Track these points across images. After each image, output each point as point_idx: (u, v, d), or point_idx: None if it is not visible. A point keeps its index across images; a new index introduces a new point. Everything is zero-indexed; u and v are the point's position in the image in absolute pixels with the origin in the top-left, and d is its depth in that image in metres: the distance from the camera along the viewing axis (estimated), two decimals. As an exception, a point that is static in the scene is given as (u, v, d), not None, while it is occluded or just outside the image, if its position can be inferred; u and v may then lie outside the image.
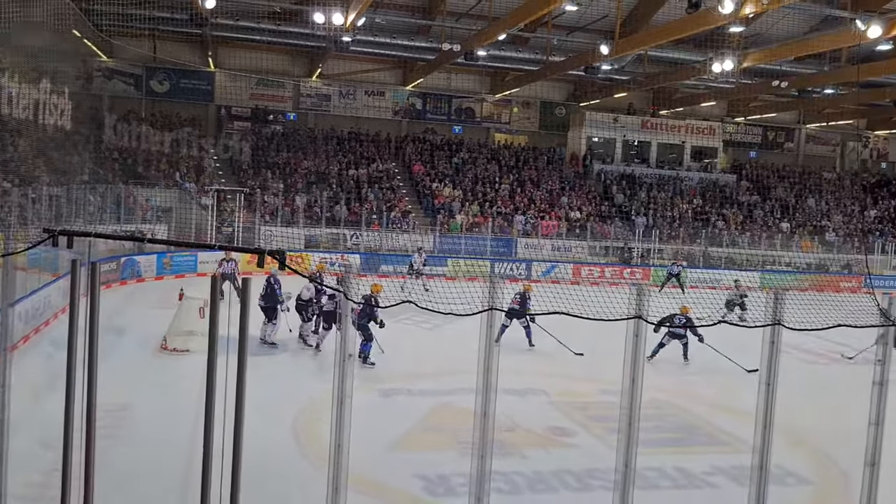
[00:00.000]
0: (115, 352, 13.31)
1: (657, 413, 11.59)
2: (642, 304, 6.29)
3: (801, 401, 12.26)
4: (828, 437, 10.73)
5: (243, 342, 5.60)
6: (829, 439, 10.64)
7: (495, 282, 6.43)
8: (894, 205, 38.25)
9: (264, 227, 26.03)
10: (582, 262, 28.85)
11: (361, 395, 9.10)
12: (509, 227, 30.10)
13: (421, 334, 16.70)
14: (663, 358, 14.49)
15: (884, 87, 30.41)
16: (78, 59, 28.08)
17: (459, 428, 10.11)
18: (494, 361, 6.25)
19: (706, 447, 10.74)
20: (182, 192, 26.85)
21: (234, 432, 5.54)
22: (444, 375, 13.32)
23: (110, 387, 7.70)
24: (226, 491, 5.55)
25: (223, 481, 5.55)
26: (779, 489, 8.53)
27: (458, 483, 8.48)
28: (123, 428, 9.89)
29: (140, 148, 28.74)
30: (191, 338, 13.84)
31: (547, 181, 33.91)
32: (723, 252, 30.78)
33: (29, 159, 24.42)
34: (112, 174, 26.52)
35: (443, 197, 31.34)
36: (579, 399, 12.56)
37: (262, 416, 8.87)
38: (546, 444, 10.37)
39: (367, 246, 27.25)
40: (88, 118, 27.95)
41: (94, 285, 5.60)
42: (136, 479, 8.39)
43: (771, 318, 6.35)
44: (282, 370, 13.42)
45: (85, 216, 21.42)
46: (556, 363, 14.85)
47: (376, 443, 9.58)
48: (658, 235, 30.32)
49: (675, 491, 9.04)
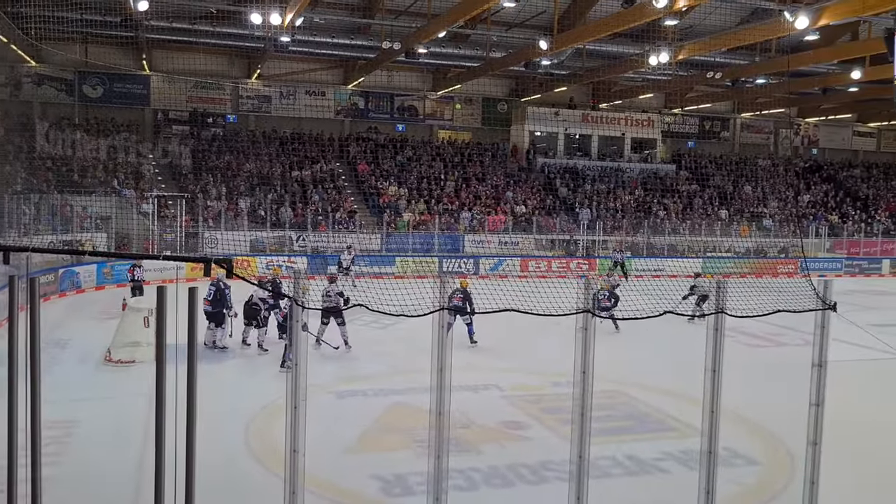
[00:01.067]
0: (58, 366, 12.98)
1: (608, 402, 11.80)
2: (590, 297, 6.39)
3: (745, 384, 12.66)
4: (773, 419, 11.06)
5: (192, 351, 5.51)
6: (775, 420, 10.97)
7: (445, 280, 6.46)
8: (825, 189, 39.61)
9: (208, 232, 25.60)
10: (529, 256, 29.14)
11: (316, 398, 9.05)
12: (456, 224, 30.21)
13: (371, 334, 16.66)
14: (612, 348, 14.73)
15: (812, 75, 31.46)
16: (5, 64, 27.17)
17: (414, 427, 10.15)
18: (448, 360, 6.28)
19: (656, 434, 10.96)
20: (121, 200, 26.20)
21: (187, 442, 5.46)
22: (397, 375, 13.33)
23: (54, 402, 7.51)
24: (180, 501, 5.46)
25: (177, 493, 5.46)
26: (728, 471, 8.78)
27: (415, 482, 8.50)
28: (70, 443, 9.62)
29: (75, 155, 27.94)
30: (136, 348, 13.53)
31: (491, 177, 34.13)
32: (665, 241, 31.43)
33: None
34: (46, 183, 25.75)
35: (388, 196, 31.27)
36: (531, 392, 12.69)
37: (215, 424, 8.75)
38: (500, 439, 10.45)
39: (313, 247, 27.02)
40: (19, 126, 27.09)
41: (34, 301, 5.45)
42: (87, 496, 8.19)
43: (714, 307, 6.52)
44: (233, 377, 13.24)
45: (19, 227, 20.77)
46: (508, 357, 14.99)
47: (332, 445, 9.53)
48: (602, 227, 30.81)
49: (628, 478, 9.21)
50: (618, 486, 8.89)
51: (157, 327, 5.35)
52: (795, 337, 15.13)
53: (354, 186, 32.29)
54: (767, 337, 17.07)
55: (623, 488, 8.88)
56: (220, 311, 14.56)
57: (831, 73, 30.48)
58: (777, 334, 17.10)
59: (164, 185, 29.03)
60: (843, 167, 42.49)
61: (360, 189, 32.07)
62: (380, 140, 34.97)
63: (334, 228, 27.88)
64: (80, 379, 12.66)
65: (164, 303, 5.57)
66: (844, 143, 44.36)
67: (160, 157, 30.35)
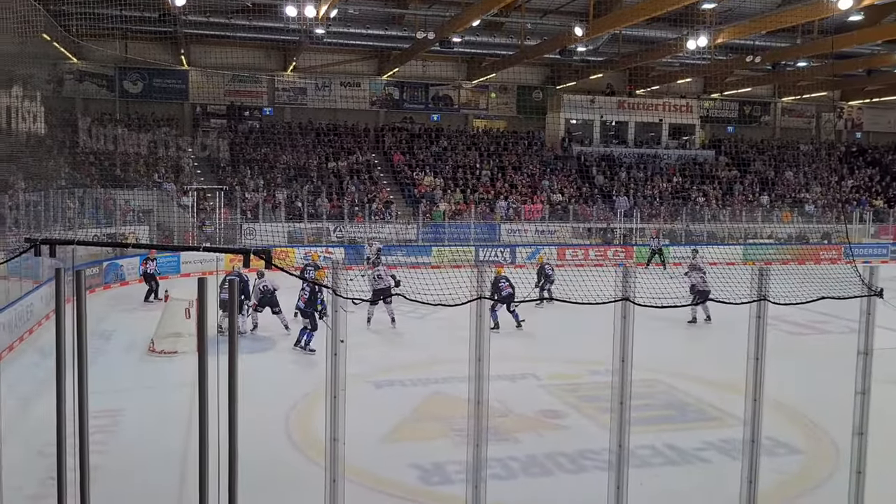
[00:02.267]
0: (103, 356, 13.27)
1: (647, 391, 11.70)
2: (629, 285, 6.33)
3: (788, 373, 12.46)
4: (817, 408, 10.87)
5: (233, 340, 5.59)
6: (818, 409, 10.78)
7: (482, 269, 6.45)
8: (870, 174, 38.66)
9: (246, 224, 25.90)
10: (566, 245, 28.97)
11: (354, 387, 9.12)
12: (492, 213, 30.13)
13: (408, 324, 16.72)
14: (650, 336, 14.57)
15: (856, 57, 30.66)
16: (48, 62, 27.71)
17: (452, 416, 10.17)
18: (485, 349, 6.28)
19: (696, 423, 10.86)
20: (162, 193, 26.64)
21: (229, 431, 5.54)
22: (434, 364, 13.37)
23: (101, 392, 7.68)
24: (223, 489, 5.55)
25: (220, 480, 5.55)
26: (770, 460, 8.66)
27: (453, 471, 8.53)
28: (117, 432, 9.85)
29: (117, 150, 28.46)
30: (178, 339, 13.79)
31: (527, 165, 33.96)
32: (704, 228, 31.00)
33: (3, 166, 24.11)
34: (89, 178, 26.26)
35: (424, 186, 31.30)
36: (569, 381, 12.64)
37: (256, 413, 8.88)
38: (538, 428, 10.44)
39: (350, 238, 27.18)
40: (62, 122, 27.63)
41: (80, 293, 5.56)
42: (133, 482, 8.38)
43: (756, 294, 6.42)
44: (273, 367, 13.40)
45: (64, 221, 21.22)
46: (545, 346, 14.95)
47: (371, 435, 9.60)
48: (639, 215, 30.49)
49: (669, 467, 9.14)
50: (658, 475, 8.83)
51: (198, 318, 5.43)
52: (839, 325, 14.83)
53: (390, 177, 32.38)
54: (810, 325, 16.75)
55: (664, 478, 8.81)
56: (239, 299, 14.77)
57: (876, 54, 29.68)
58: (820, 322, 16.77)
59: (202, 178, 29.43)
60: (888, 150, 41.36)
61: (396, 179, 32.15)
62: (415, 130, 35.00)
63: (370, 219, 28.00)
64: (124, 369, 12.93)
65: (205, 294, 5.65)
66: (890, 125, 43.16)
67: (199, 150, 30.75)
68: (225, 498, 5.53)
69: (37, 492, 7.89)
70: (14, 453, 7.73)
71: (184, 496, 7.79)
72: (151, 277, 19.37)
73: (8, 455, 6.71)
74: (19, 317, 14.48)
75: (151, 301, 18.86)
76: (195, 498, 5.49)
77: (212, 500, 5.52)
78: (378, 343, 14.66)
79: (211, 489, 5.53)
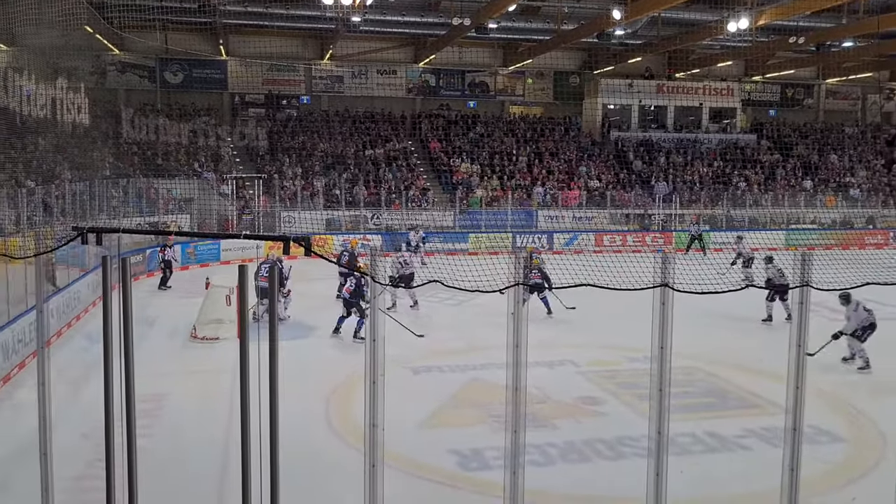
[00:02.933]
0: (148, 342, 13.53)
1: (686, 379, 11.61)
2: (667, 271, 6.27)
3: (830, 360, 12.25)
4: (861, 395, 10.69)
5: (273, 326, 5.67)
6: (863, 397, 10.60)
7: (519, 255, 6.44)
8: (919, 156, 37.64)
9: (284, 212, 26.17)
10: (603, 231, 28.75)
11: (393, 373, 9.19)
12: (529, 200, 30.01)
13: (446, 310, 16.78)
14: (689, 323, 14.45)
15: (904, 36, 29.81)
16: (91, 54, 28.23)
17: (490, 402, 10.21)
18: (523, 335, 6.28)
19: (737, 410, 10.74)
20: (202, 182, 27.04)
21: (270, 415, 5.63)
22: (472, 351, 13.42)
23: (146, 377, 7.85)
24: (265, 472, 5.65)
25: (262, 464, 5.66)
26: (813, 448, 8.55)
27: (492, 457, 8.57)
28: (162, 416, 10.08)
29: (158, 140, 28.93)
30: (219, 325, 14.02)
31: (564, 151, 33.72)
32: (746, 213, 30.50)
33: (50, 157, 24.69)
34: (132, 167, 26.75)
35: (461, 172, 31.28)
36: (607, 368, 12.59)
37: (296, 398, 9.00)
38: (577, 415, 10.43)
39: (387, 225, 27.32)
40: (106, 113, 28.16)
41: (126, 279, 5.69)
42: (177, 465, 8.57)
43: (799, 280, 6.31)
44: (312, 353, 13.55)
45: (108, 210, 21.67)
46: (582, 333, 14.89)
47: (409, 420, 9.69)
48: (678, 200, 30.10)
49: (709, 455, 9.07)
50: (698, 463, 8.77)
51: (239, 305, 5.52)
52: (885, 311, 14.52)
53: (427, 164, 32.42)
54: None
55: (704, 465, 8.74)
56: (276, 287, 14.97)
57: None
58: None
59: (241, 166, 29.80)
60: (938, 133, 40.25)
61: (433, 166, 32.18)
62: (451, 117, 34.95)
63: (407, 206, 28.09)
64: (168, 355, 13.20)
65: (246, 281, 5.74)
66: (940, 107, 41.99)
67: (238, 139, 31.12)
68: (267, 481, 5.63)
69: (83, 472, 8.11)
70: (63, 437, 7.95)
71: (226, 480, 7.95)
72: (168, 265, 19.68)
73: (57, 438, 6.91)
74: (67, 303, 14.86)
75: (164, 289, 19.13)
76: (238, 482, 5.60)
77: (254, 483, 5.62)
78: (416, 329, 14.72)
79: (253, 473, 5.63)
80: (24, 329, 11.94)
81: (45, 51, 21.77)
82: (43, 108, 23.90)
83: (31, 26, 18.00)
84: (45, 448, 6.52)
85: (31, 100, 23.50)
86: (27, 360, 11.81)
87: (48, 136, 24.69)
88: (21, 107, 23.54)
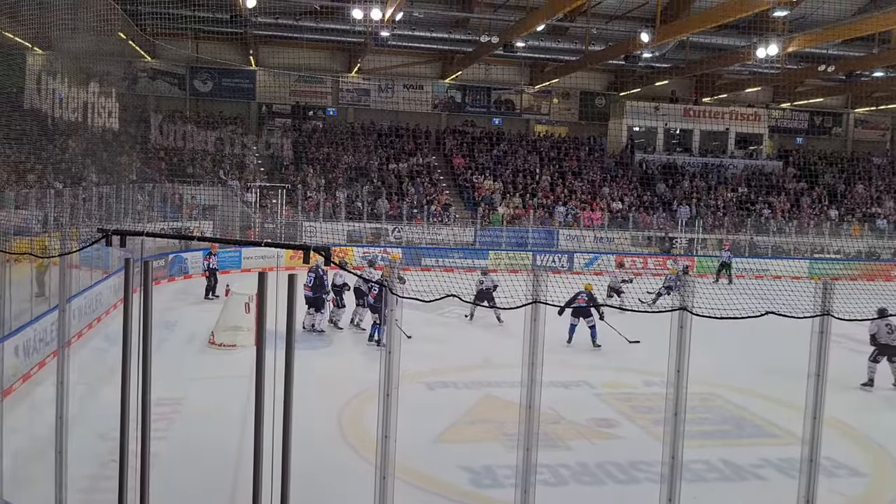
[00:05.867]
0: (166, 346, 13.64)
1: (702, 405, 11.50)
2: (686, 294, 6.24)
3: (852, 391, 12.08)
4: (882, 430, 10.52)
5: (290, 336, 5.70)
6: (884, 431, 10.43)
7: (538, 274, 6.43)
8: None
9: (307, 223, 26.32)
10: (625, 253, 28.59)
11: (407, 387, 9.19)
12: (550, 219, 29.96)
13: (463, 326, 16.75)
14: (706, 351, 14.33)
15: (936, 68, 29.51)
16: (123, 60, 28.68)
17: (504, 420, 10.17)
18: (539, 354, 6.27)
19: (754, 439, 10.60)
20: (226, 190, 27.28)
21: (283, 424, 5.65)
22: (488, 368, 13.38)
23: (163, 380, 7.91)
24: (276, 480, 5.67)
25: (274, 471, 5.67)
26: (830, 481, 8.41)
27: (503, 475, 8.53)
28: (176, 420, 10.13)
29: (185, 147, 29.27)
30: (237, 333, 14.10)
31: (588, 172, 33.66)
32: (770, 241, 30.22)
33: (79, 160, 25.05)
34: (159, 173, 27.06)
35: (483, 189, 31.31)
36: (623, 390, 12.50)
37: (310, 408, 9.01)
38: (591, 436, 10.35)
39: (408, 240, 27.38)
40: (135, 118, 28.55)
41: (147, 283, 5.76)
42: (190, 470, 8.60)
43: (820, 309, 6.25)
44: (329, 362, 13.59)
45: (133, 214, 21.90)
46: (599, 355, 14.79)
47: (422, 435, 9.67)
48: (701, 225, 29.90)
49: (723, 483, 8.96)
50: (713, 490, 8.66)
51: (257, 313, 5.57)
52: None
53: (450, 180, 32.48)
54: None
55: (718, 493, 8.64)
56: (320, 296, 15.24)
57: (957, 65, 28.53)
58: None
59: (265, 176, 30.02)
60: (967, 166, 39.72)
61: (456, 182, 32.23)
62: (476, 134, 35.02)
63: (429, 221, 28.15)
64: (186, 360, 13.27)
65: (265, 289, 5.79)
66: (970, 139, 41.46)
67: (263, 149, 31.39)
68: (278, 489, 5.65)
69: (98, 472, 8.16)
70: (79, 436, 8.02)
71: (238, 486, 7.96)
72: (213, 273, 19.79)
73: (73, 437, 6.98)
74: (89, 305, 15.03)
75: (211, 298, 19.22)
76: (249, 488, 5.62)
77: (265, 490, 5.64)
78: (432, 345, 14.72)
79: (264, 480, 5.65)
80: (46, 328, 12.09)
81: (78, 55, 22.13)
82: (74, 111, 24.28)
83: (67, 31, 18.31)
84: (61, 446, 6.58)
85: (63, 103, 23.89)
86: (47, 360, 11.95)
87: (78, 140, 25.06)
88: (53, 110, 23.93)
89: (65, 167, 24.59)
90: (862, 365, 12.97)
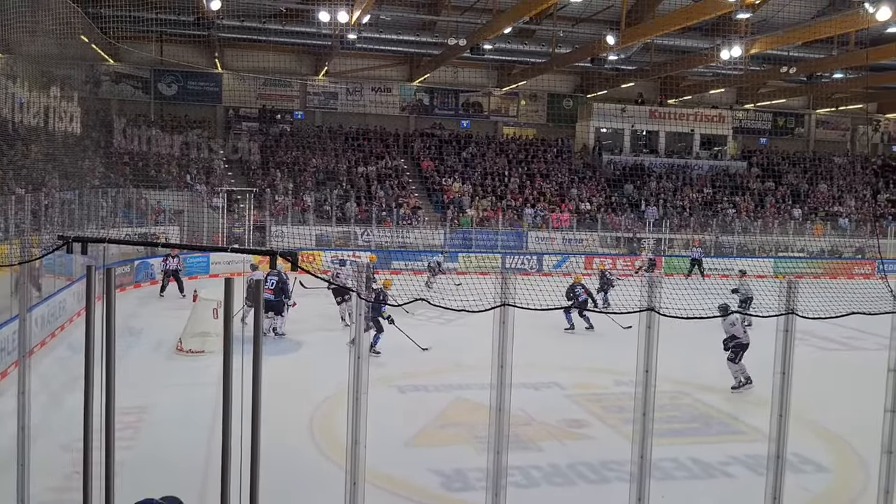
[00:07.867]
0: (132, 354, 13.44)
1: (671, 403, 11.60)
2: (654, 295, 6.29)
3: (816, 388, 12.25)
4: (845, 425, 10.69)
5: (258, 340, 5.63)
6: (847, 427, 10.60)
7: (507, 276, 6.44)
8: (907, 188, 37.99)
9: (275, 227, 26.12)
10: (593, 254, 28.80)
11: (377, 391, 9.14)
12: (519, 221, 30.08)
13: (434, 330, 16.72)
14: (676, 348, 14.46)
15: (893, 69, 30.16)
16: (86, 64, 28.23)
17: (475, 423, 10.15)
18: (508, 356, 6.27)
19: (721, 437, 10.73)
20: (193, 194, 26.97)
21: (252, 430, 5.58)
22: (458, 370, 13.36)
23: (128, 388, 7.78)
24: (245, 488, 5.59)
25: (242, 479, 5.60)
26: (797, 477, 8.54)
27: (475, 478, 8.52)
28: (142, 429, 9.97)
29: (150, 151, 28.88)
30: (206, 339, 13.93)
31: (556, 173, 33.86)
32: (735, 240, 30.64)
33: (40, 165, 24.59)
34: (123, 178, 26.66)
35: (452, 192, 31.34)
36: (593, 391, 12.56)
37: (279, 413, 8.94)
38: (561, 437, 10.38)
39: (377, 243, 27.30)
40: (98, 123, 28.11)
41: (110, 290, 5.65)
42: (156, 479, 8.46)
43: (784, 307, 6.34)
44: (296, 368, 13.48)
45: (97, 220, 21.55)
46: (570, 356, 14.87)
47: (393, 438, 9.63)
48: (669, 225, 30.23)
49: (692, 481, 9.04)
50: (681, 488, 8.74)
51: (224, 318, 5.49)
52: (871, 341, 14.59)
53: (419, 182, 32.45)
54: (841, 340, 16.49)
55: (686, 491, 8.72)
56: (280, 300, 15.11)
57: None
58: (851, 338, 16.51)
59: (233, 180, 29.75)
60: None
61: (425, 185, 32.22)
62: (444, 136, 35.05)
63: (398, 224, 28.09)
64: (153, 367, 13.08)
65: (232, 294, 5.71)
66: (928, 139, 42.44)
67: (230, 152, 31.10)
68: (246, 496, 5.57)
69: (61, 484, 8.00)
70: (42, 447, 7.86)
71: (206, 494, 7.86)
72: (175, 274, 20.02)
73: (36, 449, 6.83)
74: (52, 313, 14.74)
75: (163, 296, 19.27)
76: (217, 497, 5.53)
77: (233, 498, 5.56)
78: (402, 348, 14.67)
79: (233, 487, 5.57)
80: (7, 338, 11.83)
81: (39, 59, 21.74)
82: (35, 115, 23.83)
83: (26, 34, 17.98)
84: (23, 459, 6.44)
85: (23, 108, 23.44)
86: (9, 370, 11.69)
87: (39, 144, 24.60)
88: (13, 114, 23.47)
89: (26, 172, 24.12)
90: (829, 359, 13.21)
